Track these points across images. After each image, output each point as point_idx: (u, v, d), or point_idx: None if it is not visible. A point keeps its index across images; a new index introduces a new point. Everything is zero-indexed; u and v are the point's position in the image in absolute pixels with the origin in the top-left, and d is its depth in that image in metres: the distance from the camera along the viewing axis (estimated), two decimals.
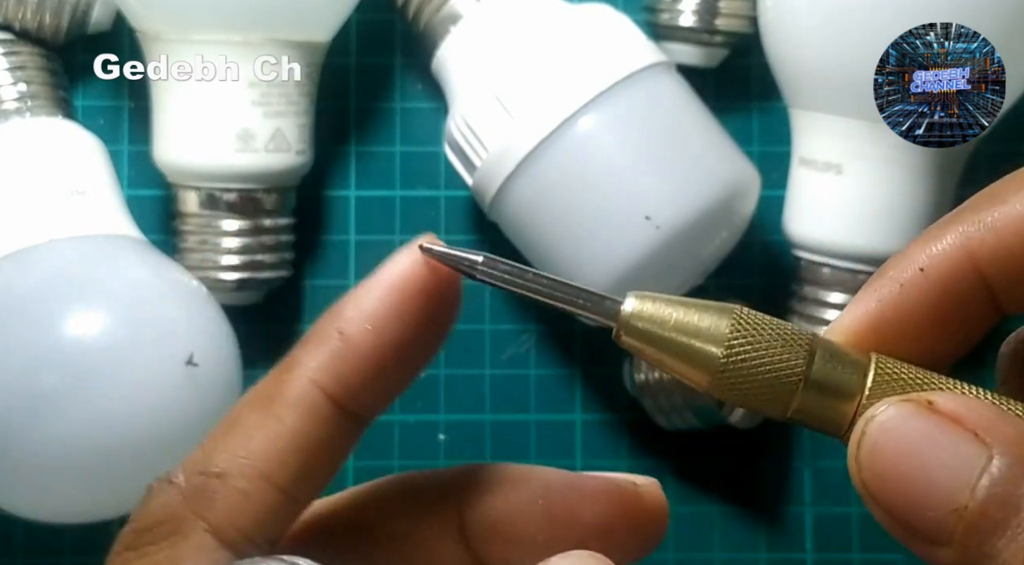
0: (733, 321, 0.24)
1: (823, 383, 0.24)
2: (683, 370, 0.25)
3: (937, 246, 0.24)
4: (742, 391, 0.24)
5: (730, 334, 0.24)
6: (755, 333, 0.24)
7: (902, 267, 0.25)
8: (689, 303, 0.25)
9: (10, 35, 0.49)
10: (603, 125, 0.45)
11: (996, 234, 0.24)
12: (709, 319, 0.25)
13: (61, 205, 0.46)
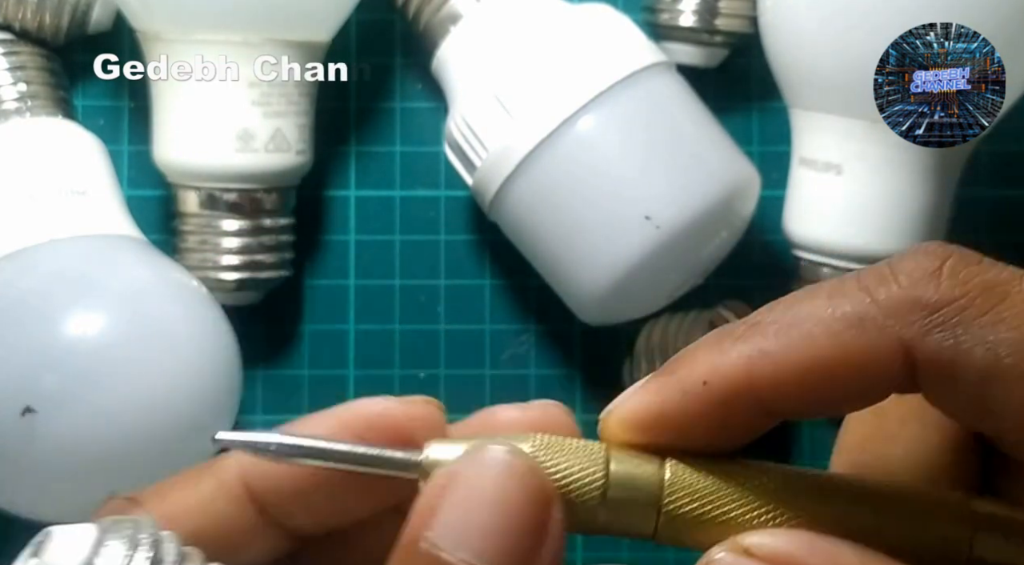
0: (529, 446, 0.25)
1: (623, 496, 0.25)
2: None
3: (721, 362, 0.25)
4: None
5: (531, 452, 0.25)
6: (553, 453, 0.25)
7: (687, 374, 0.26)
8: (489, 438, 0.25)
9: (10, 35, 0.49)
10: (603, 125, 0.45)
11: (775, 365, 0.25)
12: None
13: (61, 205, 0.46)
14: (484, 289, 0.53)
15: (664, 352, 0.49)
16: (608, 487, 0.25)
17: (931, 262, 0.24)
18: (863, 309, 0.24)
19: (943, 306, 0.24)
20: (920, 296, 0.24)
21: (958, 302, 0.24)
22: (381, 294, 0.53)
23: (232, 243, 0.48)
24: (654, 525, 0.25)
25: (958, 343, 0.23)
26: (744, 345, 0.25)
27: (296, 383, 0.52)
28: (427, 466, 0.25)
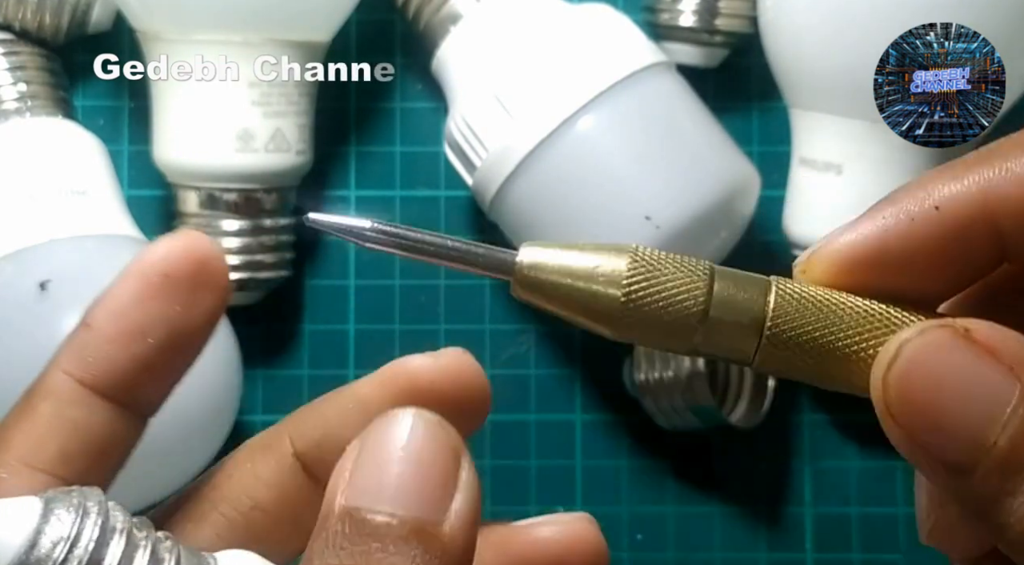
0: (630, 260, 0.24)
1: (725, 310, 0.24)
2: (585, 317, 0.24)
3: (955, 186, 0.24)
4: (646, 329, 0.24)
5: (628, 274, 0.24)
6: (652, 269, 0.24)
7: (916, 200, 0.24)
8: (586, 247, 0.24)
9: (10, 35, 0.49)
10: (603, 125, 0.45)
11: (1019, 185, 0.23)
12: (606, 261, 0.24)
13: (61, 205, 0.46)
14: (484, 289, 0.53)
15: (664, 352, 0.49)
16: (710, 305, 0.24)
17: None
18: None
19: None
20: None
21: None
22: (381, 294, 0.53)
23: (232, 243, 0.48)
24: (754, 350, 0.24)
25: None
26: (982, 168, 0.24)
27: (296, 383, 0.52)
28: (519, 268, 0.24)
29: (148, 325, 0.27)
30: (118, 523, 0.24)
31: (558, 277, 0.24)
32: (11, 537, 0.23)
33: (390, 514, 0.22)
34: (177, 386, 0.28)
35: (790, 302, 0.24)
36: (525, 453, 0.52)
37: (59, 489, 0.24)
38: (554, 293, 0.24)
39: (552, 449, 0.52)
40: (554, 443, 0.52)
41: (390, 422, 0.24)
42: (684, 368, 0.48)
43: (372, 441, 0.24)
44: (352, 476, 0.23)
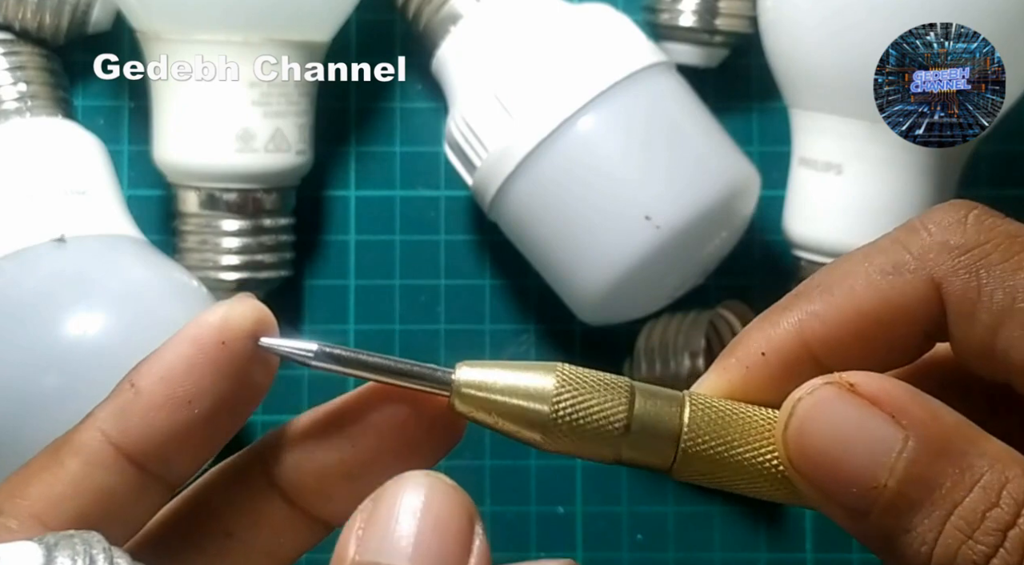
0: (557, 378, 0.26)
1: (645, 425, 0.26)
2: (516, 430, 0.26)
3: (775, 332, 0.27)
4: (574, 442, 0.26)
5: (555, 391, 0.26)
6: (578, 386, 0.26)
7: (745, 351, 0.27)
8: (516, 366, 0.26)
9: (10, 35, 0.49)
10: (603, 125, 0.45)
11: (824, 323, 0.26)
12: (535, 379, 0.26)
13: (61, 205, 0.46)
14: (484, 289, 0.53)
15: (664, 352, 0.49)
16: (631, 421, 0.26)
17: (958, 212, 0.27)
18: (897, 258, 0.26)
19: (968, 250, 0.26)
20: (948, 240, 0.26)
21: (982, 247, 0.26)
22: (381, 294, 0.53)
23: (232, 243, 0.48)
24: (671, 460, 0.26)
25: (980, 284, 0.25)
26: (792, 312, 0.27)
27: (296, 383, 0.52)
28: (457, 385, 0.26)
29: (196, 394, 0.26)
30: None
31: (490, 394, 0.26)
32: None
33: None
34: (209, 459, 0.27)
35: (703, 416, 0.26)
36: (525, 453, 0.52)
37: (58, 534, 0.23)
38: (489, 408, 0.26)
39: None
40: None
41: (408, 482, 0.24)
42: (684, 368, 0.48)
43: (389, 498, 0.24)
44: (367, 530, 0.23)
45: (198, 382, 0.26)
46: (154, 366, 0.26)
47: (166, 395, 0.26)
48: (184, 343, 0.26)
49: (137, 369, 0.26)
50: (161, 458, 0.26)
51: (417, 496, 0.23)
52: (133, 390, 0.26)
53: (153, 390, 0.26)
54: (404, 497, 0.23)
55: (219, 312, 0.27)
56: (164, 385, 0.26)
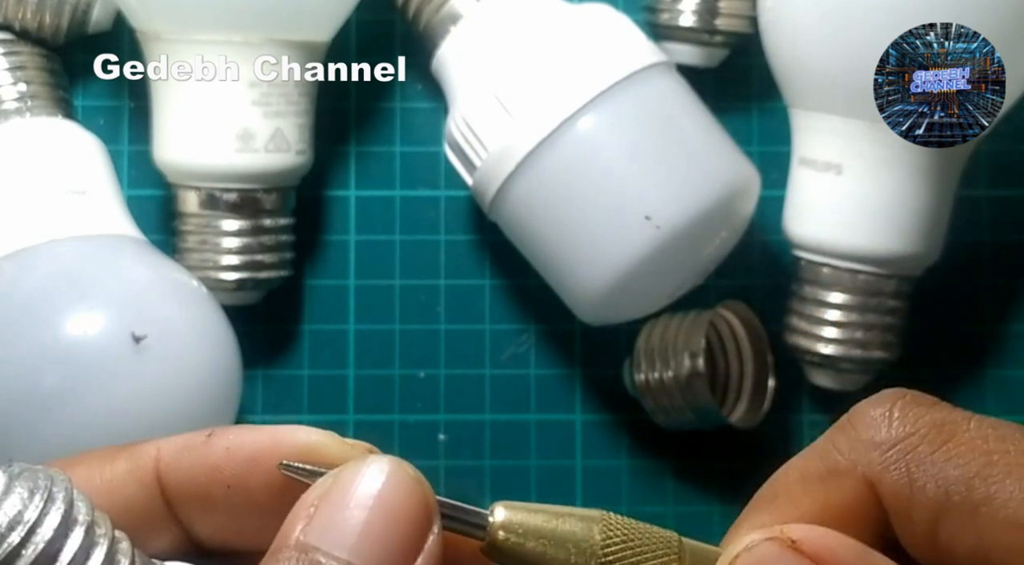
0: (602, 528, 0.25)
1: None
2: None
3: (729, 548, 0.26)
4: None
5: (603, 542, 0.24)
6: (626, 539, 0.25)
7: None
8: (555, 511, 0.25)
9: (10, 35, 0.49)
10: (603, 125, 0.45)
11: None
12: (577, 527, 0.25)
13: (61, 205, 0.46)
14: (484, 289, 0.53)
15: (664, 352, 0.49)
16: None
17: (883, 406, 0.26)
18: (829, 460, 0.26)
19: (895, 444, 0.25)
20: (874, 436, 0.25)
21: (909, 439, 0.25)
22: (381, 294, 0.53)
23: (232, 243, 0.48)
24: None
25: (912, 479, 0.25)
26: (738, 533, 0.26)
27: (296, 383, 0.52)
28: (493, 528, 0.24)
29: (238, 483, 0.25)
30: (80, 515, 0.23)
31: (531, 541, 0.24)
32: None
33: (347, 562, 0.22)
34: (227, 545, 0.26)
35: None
36: (525, 453, 0.52)
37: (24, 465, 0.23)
38: (528, 556, 0.24)
39: (552, 449, 0.52)
40: (554, 443, 0.52)
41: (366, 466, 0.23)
42: (684, 368, 0.48)
43: (344, 482, 0.23)
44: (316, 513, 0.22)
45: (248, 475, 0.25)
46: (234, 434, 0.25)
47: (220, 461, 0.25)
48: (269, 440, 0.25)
49: (224, 429, 0.26)
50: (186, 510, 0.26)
51: (374, 484, 0.23)
52: (206, 437, 0.25)
53: (218, 449, 0.25)
54: (361, 483, 0.23)
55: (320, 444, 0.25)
56: (226, 454, 0.25)
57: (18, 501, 0.22)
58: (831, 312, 0.48)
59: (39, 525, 0.22)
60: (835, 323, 0.48)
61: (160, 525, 0.26)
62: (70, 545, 0.22)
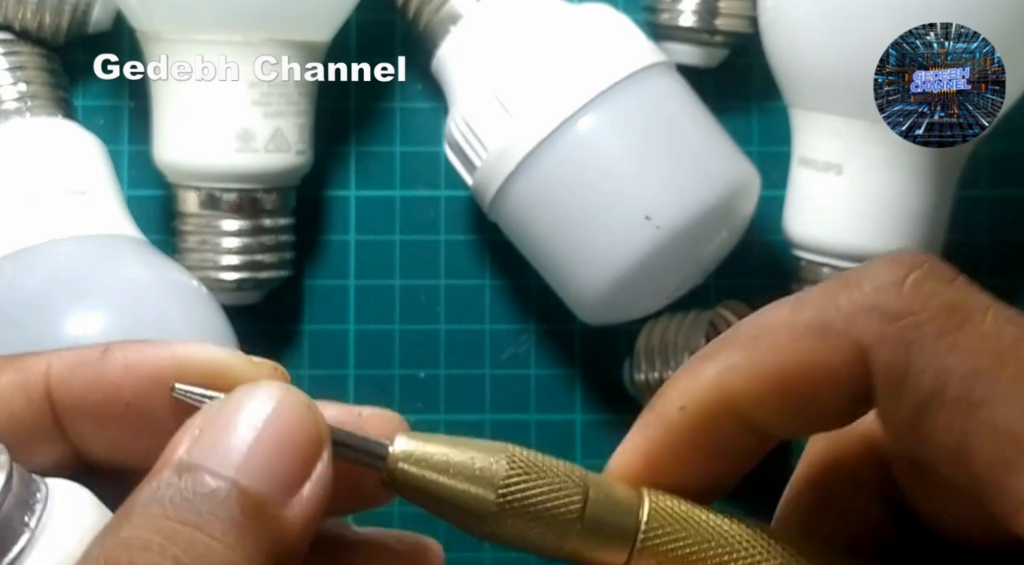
0: (506, 461, 0.24)
1: (599, 521, 0.24)
2: (455, 515, 0.24)
3: (694, 383, 0.25)
4: (518, 534, 0.24)
5: (505, 474, 0.24)
6: (528, 471, 0.24)
7: (663, 405, 0.25)
8: (458, 443, 0.24)
9: (10, 35, 0.49)
10: (603, 125, 0.45)
11: (746, 377, 0.24)
12: (480, 459, 0.24)
13: (61, 205, 0.46)
14: (484, 289, 0.53)
15: (664, 352, 0.49)
16: (584, 516, 0.24)
17: (897, 271, 0.24)
18: (825, 315, 0.24)
19: (901, 317, 0.23)
20: (879, 303, 0.23)
21: (916, 316, 0.23)
22: (381, 294, 0.53)
23: (232, 243, 0.48)
24: (627, 557, 0.24)
25: (910, 360, 0.23)
26: (713, 363, 0.25)
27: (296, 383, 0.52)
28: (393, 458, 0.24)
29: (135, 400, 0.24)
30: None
31: (431, 472, 0.24)
32: None
33: (232, 481, 0.21)
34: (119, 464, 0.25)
35: (661, 517, 0.24)
36: None
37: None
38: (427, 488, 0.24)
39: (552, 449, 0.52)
40: (554, 443, 0.52)
41: (256, 390, 0.23)
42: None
43: (233, 405, 0.22)
44: (202, 433, 0.22)
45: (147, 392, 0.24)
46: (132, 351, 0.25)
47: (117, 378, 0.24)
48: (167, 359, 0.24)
49: (121, 344, 0.25)
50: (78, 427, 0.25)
51: (264, 406, 0.22)
52: (101, 353, 0.25)
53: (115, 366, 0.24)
54: (250, 405, 0.22)
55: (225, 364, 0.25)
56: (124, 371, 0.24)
57: None
58: None
59: None
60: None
61: (47, 440, 0.25)
62: None
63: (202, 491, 0.21)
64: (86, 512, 0.23)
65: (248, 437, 0.22)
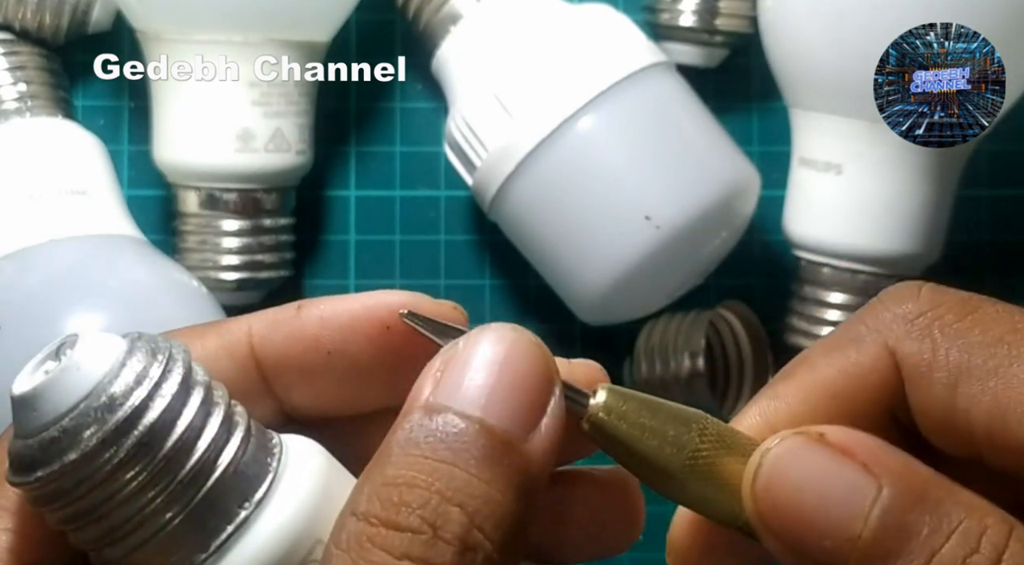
0: (699, 427, 0.25)
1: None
2: (645, 470, 0.25)
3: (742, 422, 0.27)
4: (700, 499, 0.25)
5: (698, 440, 0.25)
6: (719, 442, 0.25)
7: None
8: (657, 404, 0.25)
9: (10, 35, 0.49)
10: (603, 125, 0.45)
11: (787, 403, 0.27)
12: (675, 421, 0.25)
13: (61, 205, 0.46)
14: (484, 289, 0.53)
15: (664, 352, 0.49)
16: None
17: (910, 288, 0.27)
18: (854, 332, 0.27)
19: (921, 314, 0.26)
20: (902, 311, 0.26)
21: (935, 310, 0.26)
22: None
23: (232, 243, 0.48)
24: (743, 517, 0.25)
25: (935, 344, 0.25)
26: (756, 404, 0.27)
27: None
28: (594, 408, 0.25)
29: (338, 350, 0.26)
30: (199, 376, 0.24)
31: (629, 427, 0.25)
32: (94, 365, 0.22)
33: (480, 420, 0.23)
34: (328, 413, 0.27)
35: None
36: None
37: (147, 334, 0.24)
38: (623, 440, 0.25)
39: None
40: None
41: (490, 334, 0.24)
42: (684, 368, 0.48)
43: (469, 349, 0.24)
44: (444, 377, 0.23)
45: (346, 340, 0.26)
46: (325, 304, 0.27)
47: (317, 331, 0.26)
48: (362, 306, 0.26)
49: (311, 300, 0.27)
50: (284, 381, 0.26)
51: (498, 348, 0.24)
52: (296, 310, 0.27)
53: (311, 320, 0.26)
54: (485, 347, 0.24)
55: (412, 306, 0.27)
56: (320, 323, 0.26)
57: (142, 358, 0.23)
58: (831, 312, 0.47)
59: (164, 381, 0.23)
60: (835, 323, 0.48)
61: (255, 398, 0.26)
62: (192, 402, 0.23)
63: (452, 431, 0.23)
64: (316, 454, 0.25)
65: (488, 378, 0.23)
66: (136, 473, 0.22)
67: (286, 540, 0.23)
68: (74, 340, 0.23)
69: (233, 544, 0.23)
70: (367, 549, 0.22)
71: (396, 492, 0.22)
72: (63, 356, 0.23)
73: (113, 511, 0.22)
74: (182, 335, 0.27)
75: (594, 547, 0.28)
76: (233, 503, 0.23)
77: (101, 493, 0.22)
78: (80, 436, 0.22)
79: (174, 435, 0.22)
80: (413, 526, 0.22)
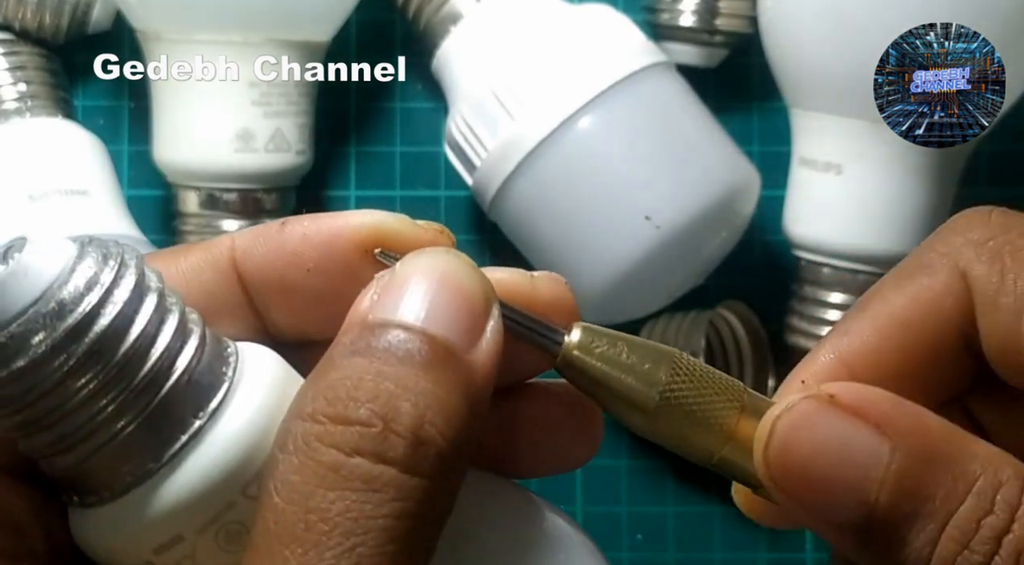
0: (671, 364, 0.25)
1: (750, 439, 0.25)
2: (618, 406, 0.25)
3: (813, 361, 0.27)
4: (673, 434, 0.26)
5: (670, 376, 0.25)
6: (692, 378, 0.25)
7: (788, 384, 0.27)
8: (631, 341, 0.25)
9: (10, 35, 0.49)
10: (603, 125, 0.45)
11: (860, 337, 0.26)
12: (648, 358, 0.25)
13: (61, 205, 0.46)
14: None
15: None
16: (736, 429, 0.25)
17: (981, 212, 0.26)
18: (924, 259, 0.26)
19: (991, 238, 0.26)
20: (973, 236, 0.26)
21: (1006, 235, 0.26)
22: None
23: None
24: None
25: (1004, 267, 0.25)
26: (827, 341, 0.27)
27: None
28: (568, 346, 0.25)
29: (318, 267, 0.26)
30: (152, 282, 0.23)
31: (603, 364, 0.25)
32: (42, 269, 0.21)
33: (422, 330, 0.23)
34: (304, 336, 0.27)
35: None
36: None
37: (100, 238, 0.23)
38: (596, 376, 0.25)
39: None
40: None
41: (429, 254, 0.24)
42: None
43: (409, 267, 0.24)
44: (383, 293, 0.23)
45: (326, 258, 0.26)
46: (310, 221, 0.27)
47: (297, 246, 0.26)
48: (342, 226, 0.27)
49: (295, 218, 0.27)
50: (264, 296, 0.26)
51: (434, 269, 0.24)
52: (280, 227, 0.26)
53: (294, 235, 0.26)
54: (425, 266, 0.24)
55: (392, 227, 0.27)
56: (302, 239, 0.26)
57: (93, 263, 0.22)
58: (831, 312, 0.47)
59: (115, 286, 0.22)
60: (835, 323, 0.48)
61: (236, 311, 0.26)
62: (145, 308, 0.22)
63: (395, 341, 0.22)
64: (273, 364, 0.24)
65: (426, 294, 0.23)
66: (87, 381, 0.21)
67: (241, 450, 0.22)
68: (22, 243, 0.22)
69: (187, 454, 0.22)
70: (316, 449, 0.21)
71: (344, 389, 0.22)
72: (11, 259, 0.21)
73: (64, 419, 0.22)
74: (168, 253, 0.26)
75: (552, 461, 0.28)
76: (187, 412, 0.22)
77: (51, 400, 0.21)
78: (28, 343, 0.21)
79: (126, 342, 0.22)
80: (363, 419, 0.21)
